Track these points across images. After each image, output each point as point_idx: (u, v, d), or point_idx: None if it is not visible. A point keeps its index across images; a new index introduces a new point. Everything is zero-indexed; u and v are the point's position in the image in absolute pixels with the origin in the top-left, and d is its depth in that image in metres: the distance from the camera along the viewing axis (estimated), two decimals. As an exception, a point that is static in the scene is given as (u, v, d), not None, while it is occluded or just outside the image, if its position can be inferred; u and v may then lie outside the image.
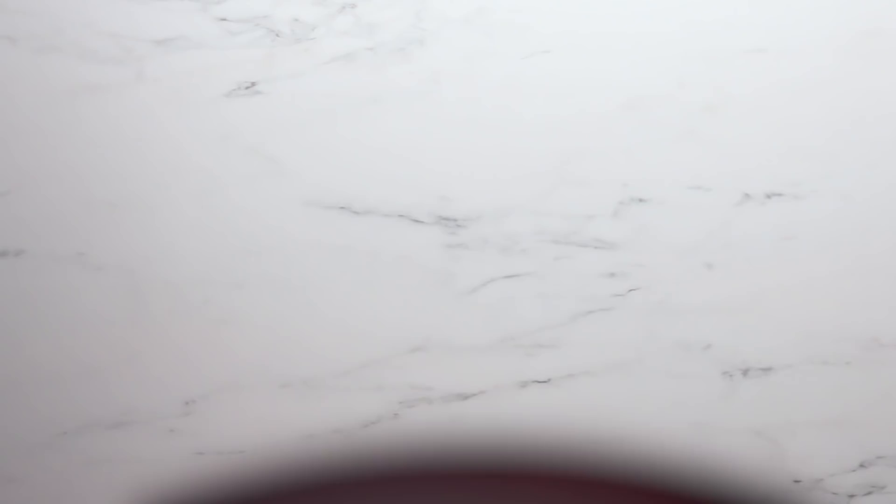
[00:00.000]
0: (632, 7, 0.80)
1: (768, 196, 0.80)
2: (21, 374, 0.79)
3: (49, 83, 0.79)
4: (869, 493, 0.79)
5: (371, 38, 0.79)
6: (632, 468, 0.78)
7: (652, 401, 0.80)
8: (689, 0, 0.80)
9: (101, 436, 0.79)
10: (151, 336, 0.79)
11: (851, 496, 0.79)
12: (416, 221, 0.79)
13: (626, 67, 0.80)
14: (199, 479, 0.78)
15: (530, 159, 0.79)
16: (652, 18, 0.80)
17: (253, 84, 0.79)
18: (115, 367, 0.79)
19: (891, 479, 0.79)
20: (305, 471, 0.79)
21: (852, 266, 0.80)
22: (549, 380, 0.79)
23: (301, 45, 0.79)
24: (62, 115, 0.79)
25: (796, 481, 0.79)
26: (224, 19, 0.79)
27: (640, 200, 0.80)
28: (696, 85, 0.80)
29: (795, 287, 0.80)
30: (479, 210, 0.79)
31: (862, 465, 0.79)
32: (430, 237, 0.79)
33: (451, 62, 0.79)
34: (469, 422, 0.79)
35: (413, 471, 0.77)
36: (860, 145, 0.80)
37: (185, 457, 0.79)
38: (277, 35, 0.79)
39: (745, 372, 0.80)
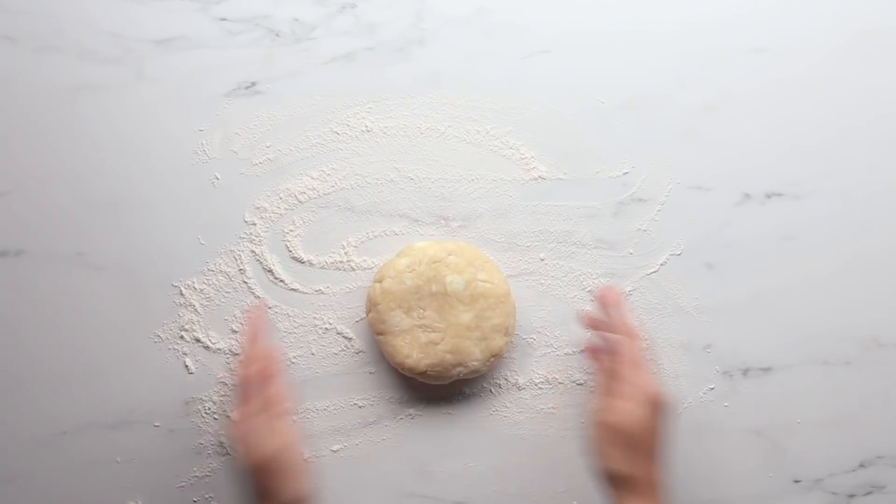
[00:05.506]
0: (632, 7, 0.80)
1: (768, 196, 0.80)
2: (21, 373, 0.78)
3: (49, 83, 0.79)
4: (869, 493, 0.79)
5: (371, 38, 0.79)
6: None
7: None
8: (689, 0, 0.80)
9: (101, 436, 0.79)
10: (151, 336, 0.79)
11: (851, 496, 0.79)
12: (416, 221, 0.79)
13: (626, 67, 0.80)
14: (199, 479, 0.79)
15: (530, 159, 0.79)
16: (652, 18, 0.80)
17: (253, 84, 0.79)
18: (115, 367, 0.79)
19: (891, 479, 0.79)
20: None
21: (852, 266, 0.80)
22: (548, 380, 0.79)
23: (301, 45, 0.79)
24: (62, 115, 0.79)
25: (796, 481, 0.79)
26: (224, 19, 0.79)
27: (640, 200, 0.80)
28: (696, 85, 0.80)
29: (795, 287, 0.80)
30: (478, 210, 0.79)
31: (862, 465, 0.79)
32: (430, 236, 0.79)
33: (451, 62, 0.79)
34: (468, 421, 0.79)
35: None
36: (860, 145, 0.80)
37: (185, 457, 0.79)
38: (277, 35, 0.79)
39: (745, 372, 0.80)
